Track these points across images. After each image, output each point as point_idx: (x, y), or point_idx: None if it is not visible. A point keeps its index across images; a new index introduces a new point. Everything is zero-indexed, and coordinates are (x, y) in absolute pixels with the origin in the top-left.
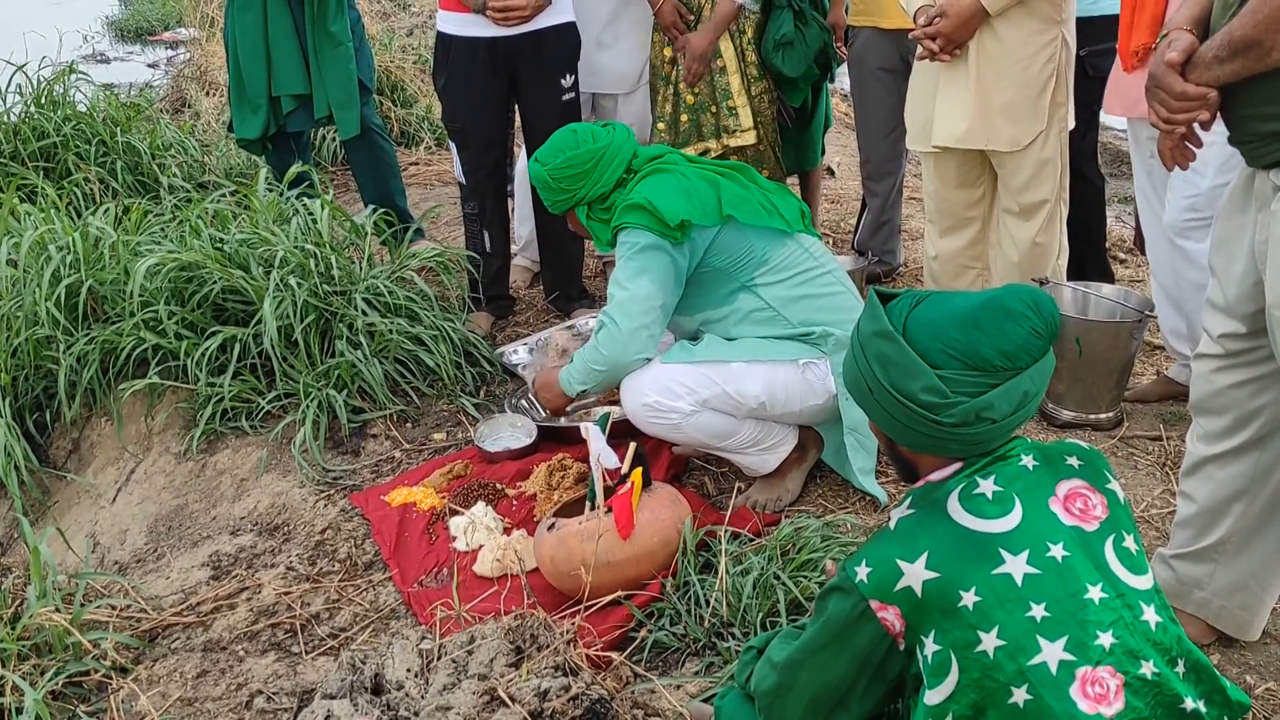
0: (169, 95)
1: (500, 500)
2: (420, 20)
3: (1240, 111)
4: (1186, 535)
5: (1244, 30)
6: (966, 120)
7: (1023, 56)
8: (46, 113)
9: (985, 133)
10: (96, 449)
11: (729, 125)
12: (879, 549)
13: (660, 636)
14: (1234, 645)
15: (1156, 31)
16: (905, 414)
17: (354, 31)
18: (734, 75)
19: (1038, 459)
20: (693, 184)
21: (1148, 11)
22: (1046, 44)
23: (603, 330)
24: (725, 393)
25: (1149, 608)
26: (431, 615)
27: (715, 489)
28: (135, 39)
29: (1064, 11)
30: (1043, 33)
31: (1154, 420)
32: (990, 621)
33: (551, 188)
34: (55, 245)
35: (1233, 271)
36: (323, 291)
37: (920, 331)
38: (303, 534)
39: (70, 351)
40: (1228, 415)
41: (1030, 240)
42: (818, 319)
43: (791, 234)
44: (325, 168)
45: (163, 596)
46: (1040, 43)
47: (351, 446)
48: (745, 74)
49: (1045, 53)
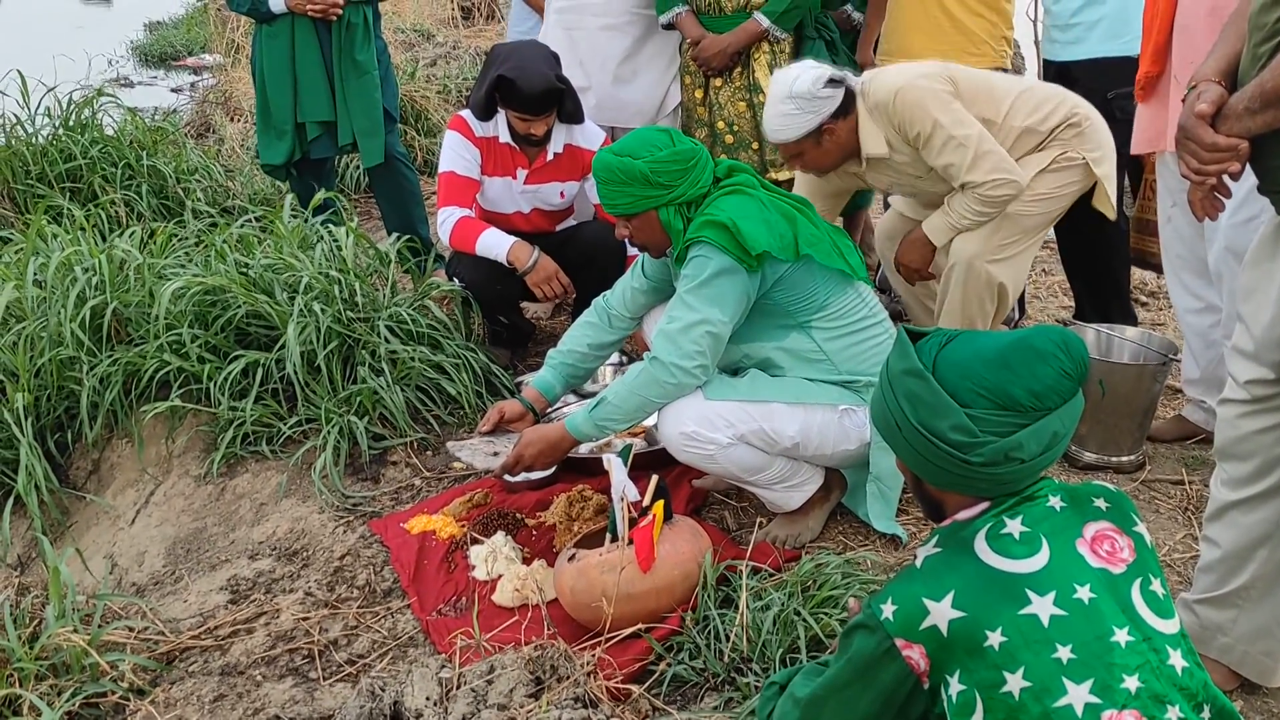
0: (193, 120)
1: (520, 530)
2: (444, 51)
3: (1271, 162)
4: (1210, 580)
5: (1275, 82)
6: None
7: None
8: (74, 135)
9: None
10: (116, 470)
11: (774, 160)
12: (905, 587)
13: (680, 670)
14: (1257, 691)
15: (1158, 61)
16: (934, 452)
17: (380, 61)
18: None
19: (1065, 500)
20: (772, 214)
21: (1150, 42)
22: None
23: (657, 368)
24: (762, 429)
25: (1175, 652)
26: (451, 644)
27: (735, 523)
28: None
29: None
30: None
31: (1176, 464)
32: (1016, 662)
33: (643, 181)
34: (81, 267)
35: (1260, 319)
36: (346, 318)
37: (950, 370)
38: (321, 560)
39: (93, 373)
40: (1253, 461)
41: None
42: (865, 370)
43: (853, 280)
44: (349, 195)
45: (180, 619)
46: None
47: (371, 473)
48: None
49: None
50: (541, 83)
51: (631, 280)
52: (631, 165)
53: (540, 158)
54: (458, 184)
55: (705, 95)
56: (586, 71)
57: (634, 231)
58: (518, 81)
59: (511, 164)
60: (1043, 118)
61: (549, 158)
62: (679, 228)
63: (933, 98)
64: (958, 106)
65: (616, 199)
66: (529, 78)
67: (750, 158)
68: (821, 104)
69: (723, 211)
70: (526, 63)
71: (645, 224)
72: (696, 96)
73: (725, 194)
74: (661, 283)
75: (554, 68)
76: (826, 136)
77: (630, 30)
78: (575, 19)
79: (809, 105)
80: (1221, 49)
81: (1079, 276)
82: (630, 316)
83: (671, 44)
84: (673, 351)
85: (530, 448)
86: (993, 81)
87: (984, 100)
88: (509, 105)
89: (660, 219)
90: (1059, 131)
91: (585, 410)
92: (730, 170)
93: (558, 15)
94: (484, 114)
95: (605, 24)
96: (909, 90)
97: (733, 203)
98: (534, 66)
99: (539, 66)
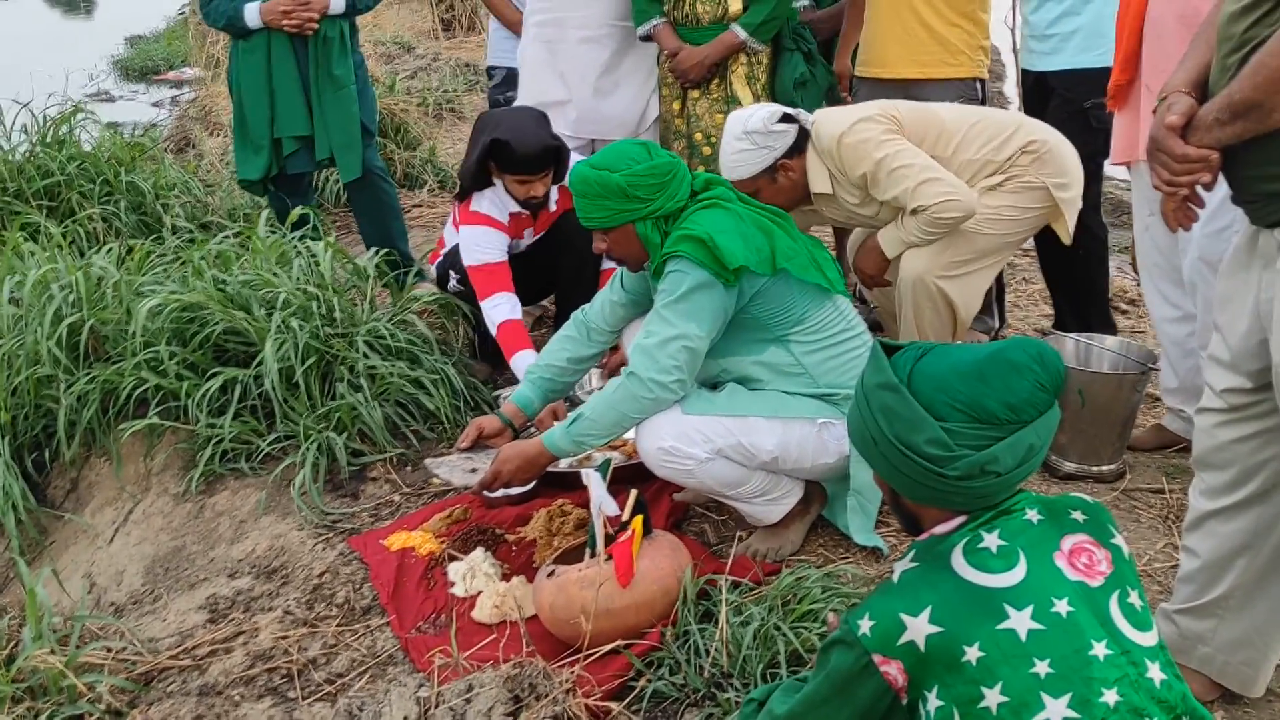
0: (173, 135)
1: (500, 545)
2: (424, 63)
3: (1243, 172)
4: (1189, 590)
5: (1244, 93)
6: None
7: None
8: (51, 152)
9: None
10: (95, 489)
11: None
12: (882, 602)
13: (660, 686)
14: (1238, 702)
15: (1128, 70)
16: (909, 466)
17: (357, 74)
18: None
19: (1042, 513)
20: (749, 228)
21: (1120, 50)
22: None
23: (635, 384)
24: (740, 444)
25: (1154, 664)
26: (429, 662)
27: (716, 537)
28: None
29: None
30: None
31: (1156, 473)
32: (994, 677)
33: (621, 195)
34: (58, 284)
35: (1236, 328)
36: (324, 334)
37: (925, 384)
38: (300, 577)
39: (71, 391)
40: (1230, 470)
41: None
42: (844, 383)
43: (831, 294)
44: (327, 209)
45: (159, 639)
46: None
47: (351, 489)
48: None
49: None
50: (537, 142)
51: (610, 293)
52: (609, 179)
53: (543, 216)
54: (495, 271)
55: (683, 107)
56: (567, 84)
57: (611, 245)
58: (512, 143)
59: (521, 228)
60: (996, 147)
61: (551, 208)
62: (656, 241)
63: (873, 138)
64: (900, 141)
65: (594, 212)
66: (524, 138)
67: None
68: (775, 139)
69: (699, 226)
70: (519, 124)
71: (623, 237)
72: (674, 108)
73: (702, 208)
74: (640, 296)
75: (545, 127)
76: (781, 174)
77: (609, 43)
78: (555, 32)
79: (763, 141)
80: (1191, 59)
81: (1059, 286)
82: (609, 330)
83: (652, 56)
84: (650, 367)
85: (508, 464)
86: (942, 118)
87: (932, 138)
88: (507, 169)
89: (638, 232)
90: (1015, 158)
91: (563, 426)
92: (707, 184)
93: (537, 29)
94: (476, 182)
95: (585, 36)
96: (850, 134)
97: (709, 217)
98: (527, 127)
99: (531, 127)
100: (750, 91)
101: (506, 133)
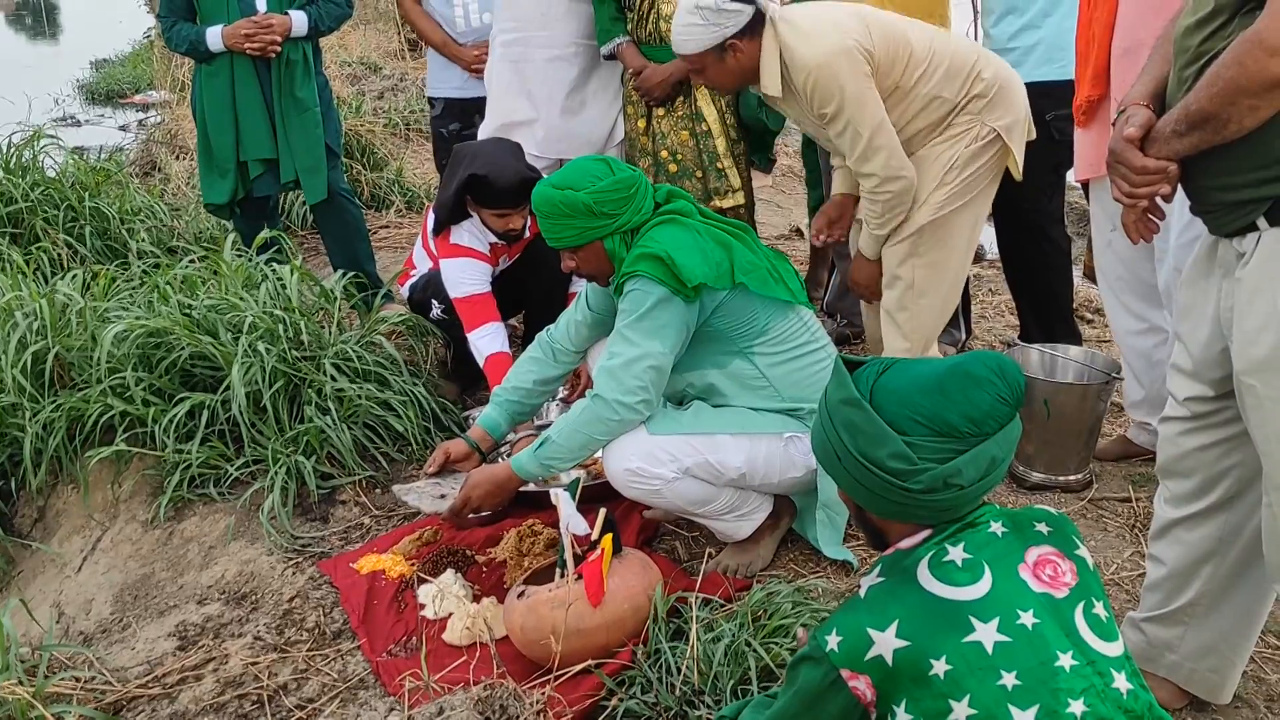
0: (139, 159)
1: (470, 567)
2: (391, 84)
3: (1201, 182)
4: (1156, 598)
5: (1200, 104)
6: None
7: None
8: (14, 178)
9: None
10: (62, 517)
11: (719, 187)
12: (849, 618)
13: (631, 705)
14: (1205, 709)
15: (1098, 85)
16: (873, 481)
17: (321, 96)
18: (719, 138)
19: (1007, 526)
20: (707, 243)
21: (1090, 66)
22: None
23: (600, 406)
24: (707, 461)
25: (1120, 675)
26: (400, 686)
27: (686, 554)
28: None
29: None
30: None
31: (1123, 482)
32: (962, 690)
33: (587, 213)
34: (22, 312)
35: (1198, 337)
36: (291, 357)
37: (887, 398)
38: (270, 602)
39: (36, 419)
40: (1195, 478)
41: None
42: (809, 396)
43: (794, 306)
44: (294, 232)
45: (128, 668)
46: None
47: (320, 513)
48: (728, 135)
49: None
50: (515, 175)
51: (575, 313)
52: (574, 198)
53: (519, 244)
54: (482, 302)
55: (648, 125)
56: (534, 103)
57: (580, 262)
58: (490, 176)
59: (499, 256)
60: (955, 85)
61: (525, 234)
62: (624, 255)
63: (847, 85)
64: (869, 94)
65: (561, 232)
66: (502, 173)
67: (694, 187)
68: (726, 18)
69: (657, 243)
70: (495, 159)
71: (591, 255)
72: (639, 126)
73: (660, 224)
74: (606, 314)
75: (520, 159)
76: (730, 54)
77: (576, 61)
78: (521, 51)
79: (714, 18)
80: (1149, 72)
81: (1023, 296)
82: (574, 350)
83: (618, 74)
84: (615, 388)
85: (477, 489)
86: (912, 47)
87: (900, 68)
88: (485, 203)
89: (606, 248)
90: (966, 104)
91: (530, 449)
92: (669, 195)
93: (503, 49)
94: (452, 215)
95: (552, 55)
96: (824, 70)
97: (667, 234)
98: (503, 161)
99: (508, 161)
100: (715, 108)
101: (483, 168)
